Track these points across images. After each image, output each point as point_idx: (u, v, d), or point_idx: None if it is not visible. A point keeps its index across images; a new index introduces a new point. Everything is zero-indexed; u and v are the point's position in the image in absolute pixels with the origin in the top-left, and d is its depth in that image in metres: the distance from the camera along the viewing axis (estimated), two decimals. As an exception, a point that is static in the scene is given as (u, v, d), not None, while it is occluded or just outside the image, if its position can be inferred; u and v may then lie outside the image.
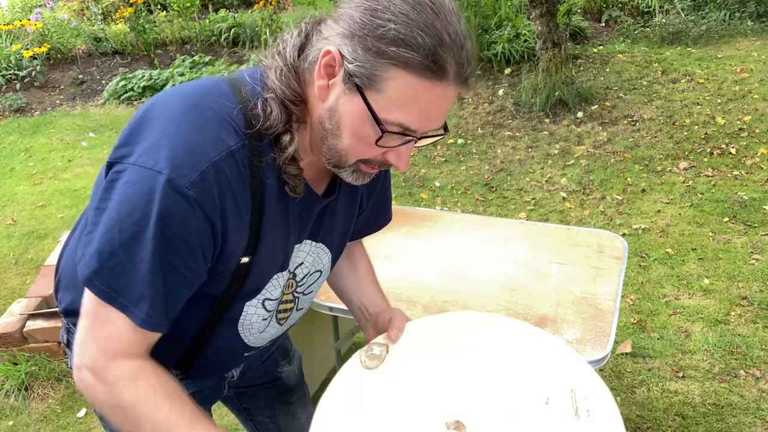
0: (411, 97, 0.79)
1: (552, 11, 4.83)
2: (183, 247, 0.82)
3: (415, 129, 0.83)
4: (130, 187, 0.79)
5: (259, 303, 1.01)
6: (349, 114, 0.83)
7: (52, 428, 2.40)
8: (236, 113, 0.84)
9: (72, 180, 4.61)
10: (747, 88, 4.76)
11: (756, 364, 2.36)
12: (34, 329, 2.59)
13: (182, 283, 0.86)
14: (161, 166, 0.78)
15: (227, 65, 6.47)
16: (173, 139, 0.80)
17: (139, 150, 0.81)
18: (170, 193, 0.78)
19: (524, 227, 2.11)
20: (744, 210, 3.33)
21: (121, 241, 0.80)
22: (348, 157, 0.87)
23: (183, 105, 0.84)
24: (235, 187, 0.83)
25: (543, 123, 4.70)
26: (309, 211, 0.99)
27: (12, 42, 7.09)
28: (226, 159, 0.81)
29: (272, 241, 0.94)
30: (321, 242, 1.06)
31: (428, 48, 0.76)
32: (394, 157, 0.87)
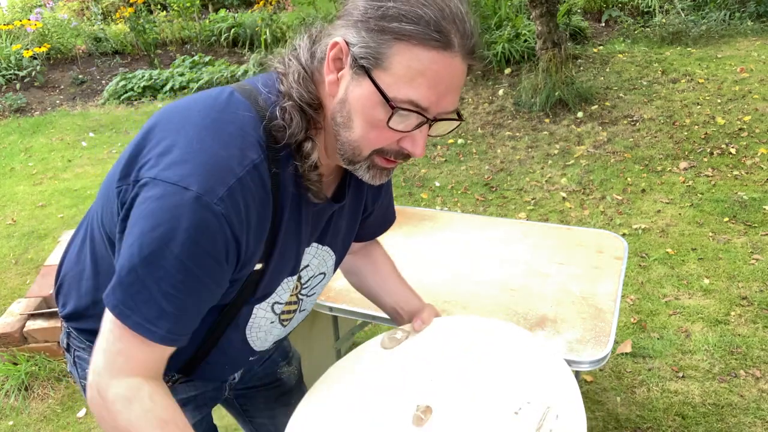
0: (418, 71, 0.78)
1: (552, 11, 4.83)
2: (210, 261, 0.81)
3: (426, 106, 0.81)
4: (155, 202, 0.78)
5: (268, 306, 1.02)
6: (359, 100, 0.82)
7: (52, 428, 2.40)
8: (256, 125, 0.84)
9: (72, 180, 4.61)
10: (747, 88, 4.76)
11: (756, 364, 2.36)
12: (34, 329, 2.59)
13: (208, 295, 0.86)
14: (188, 182, 0.77)
15: (227, 65, 6.47)
16: (198, 155, 0.79)
17: (162, 164, 0.79)
18: (199, 209, 0.77)
19: (524, 227, 2.11)
20: (744, 210, 3.33)
21: (141, 257, 0.79)
22: (362, 149, 0.85)
23: (205, 119, 0.83)
24: (259, 200, 0.83)
25: (543, 123, 4.70)
26: (321, 216, 0.99)
27: (12, 42, 7.09)
28: (250, 173, 0.81)
29: (285, 248, 0.94)
30: (327, 245, 1.07)
31: (430, 19, 0.77)
32: (409, 143, 0.84)
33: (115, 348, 0.83)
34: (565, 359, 1.48)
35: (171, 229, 0.77)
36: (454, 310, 1.65)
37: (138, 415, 0.82)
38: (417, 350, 1.14)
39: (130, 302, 0.80)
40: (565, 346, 1.51)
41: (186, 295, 0.82)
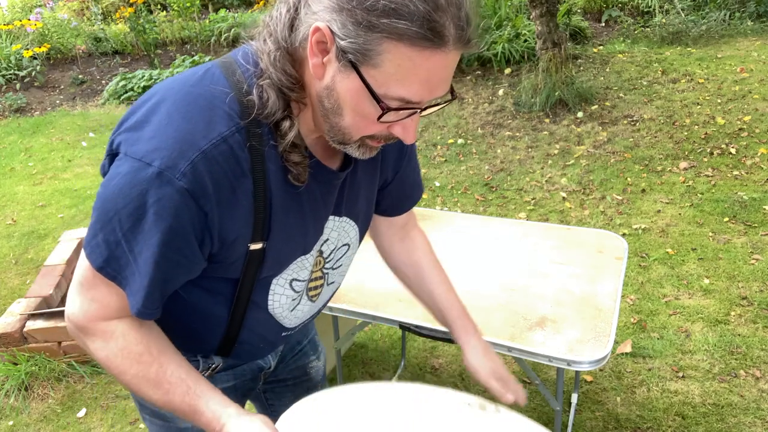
0: (409, 70, 0.74)
1: (552, 11, 4.83)
2: (178, 238, 0.82)
3: (418, 101, 0.78)
4: (123, 179, 0.79)
5: (286, 284, 1.01)
6: (347, 92, 0.78)
7: (52, 428, 2.40)
8: (230, 99, 0.82)
9: (72, 180, 4.61)
10: (747, 88, 4.76)
11: (756, 364, 2.36)
12: (34, 329, 2.59)
13: (180, 271, 0.87)
14: (151, 157, 0.78)
15: (227, 65, 6.48)
16: (164, 130, 0.79)
17: (133, 140, 0.81)
18: (161, 185, 0.78)
19: (524, 227, 2.11)
20: (744, 210, 3.33)
21: (122, 231, 0.82)
22: (352, 135, 0.83)
23: (177, 94, 0.82)
24: (231, 173, 0.82)
25: (543, 123, 4.70)
26: (328, 189, 0.97)
27: (12, 42, 7.09)
28: (217, 146, 0.80)
29: (285, 226, 0.92)
30: (345, 215, 1.04)
31: (422, 15, 0.71)
32: (399, 131, 0.82)
33: (90, 295, 0.88)
34: (565, 359, 1.48)
35: (140, 206, 0.79)
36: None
37: (114, 352, 0.89)
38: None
39: (124, 272, 0.85)
40: (565, 346, 1.51)
41: (158, 269, 0.83)
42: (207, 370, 1.10)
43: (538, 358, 1.50)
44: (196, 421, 0.91)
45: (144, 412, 1.16)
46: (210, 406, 0.91)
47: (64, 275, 2.96)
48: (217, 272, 0.93)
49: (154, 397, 0.91)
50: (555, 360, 1.49)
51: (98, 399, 2.51)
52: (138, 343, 0.90)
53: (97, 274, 0.86)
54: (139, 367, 0.90)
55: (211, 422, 0.90)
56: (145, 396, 0.92)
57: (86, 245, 0.86)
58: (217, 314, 1.00)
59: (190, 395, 0.91)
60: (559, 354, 1.48)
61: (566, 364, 1.48)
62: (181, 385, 0.91)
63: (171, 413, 1.04)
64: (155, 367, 0.90)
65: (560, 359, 1.48)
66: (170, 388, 0.90)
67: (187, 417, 0.92)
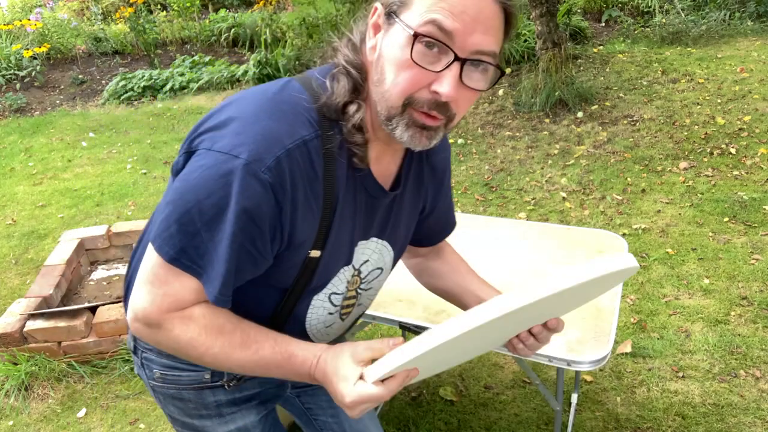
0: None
1: (552, 11, 4.83)
2: (256, 229, 0.85)
3: (450, 30, 0.79)
4: (208, 170, 0.83)
5: (326, 297, 1.03)
6: (389, 47, 0.84)
7: (52, 428, 2.40)
8: (309, 105, 0.88)
9: (72, 180, 4.61)
10: (747, 88, 4.76)
11: (756, 364, 2.36)
12: (34, 329, 2.59)
13: (251, 263, 0.89)
14: (239, 150, 0.82)
15: (227, 65, 6.47)
16: (251, 128, 0.83)
17: (216, 137, 0.85)
18: (247, 176, 0.81)
19: (524, 227, 2.11)
20: (744, 210, 3.33)
21: (202, 222, 0.84)
22: (393, 97, 0.84)
23: (260, 100, 0.88)
24: (306, 176, 0.86)
25: (543, 123, 4.70)
26: (376, 206, 1.01)
27: (12, 42, 7.09)
28: (299, 147, 0.85)
29: (339, 235, 0.96)
30: (386, 240, 1.08)
31: None
32: (437, 83, 0.82)
33: (161, 290, 0.89)
34: (565, 359, 1.48)
35: (225, 196, 0.82)
36: (453, 311, 1.65)
37: (198, 331, 0.91)
38: None
39: (200, 261, 0.86)
40: (565, 346, 1.51)
41: (234, 258, 0.86)
42: (234, 380, 1.11)
43: (538, 358, 1.50)
44: (291, 365, 0.94)
45: (176, 425, 1.20)
46: (300, 346, 0.94)
47: (64, 275, 2.96)
48: (271, 278, 0.95)
49: (244, 359, 0.93)
50: (555, 360, 1.49)
51: (98, 399, 2.51)
52: (217, 318, 0.92)
53: (169, 267, 0.87)
54: (225, 337, 0.92)
55: (306, 359, 0.93)
56: (234, 363, 0.94)
57: (156, 238, 0.87)
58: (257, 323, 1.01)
59: (278, 344, 0.93)
60: (559, 354, 1.48)
61: (566, 364, 1.49)
62: (267, 340, 0.94)
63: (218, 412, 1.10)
64: (238, 333, 0.93)
65: (560, 359, 1.48)
66: (258, 345, 0.93)
67: (281, 366, 0.94)
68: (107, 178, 4.57)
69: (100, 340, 2.64)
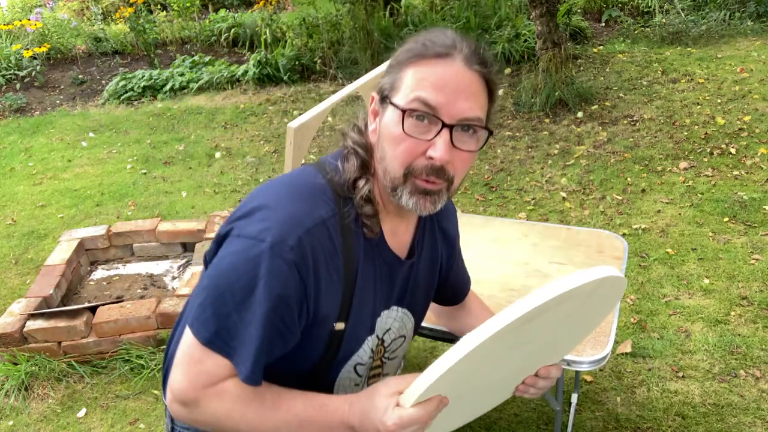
0: (423, 77, 0.89)
1: (552, 11, 4.83)
2: (284, 307, 0.90)
3: (434, 104, 0.88)
4: (236, 256, 0.91)
5: (351, 368, 1.07)
6: (386, 126, 0.93)
7: (52, 428, 2.40)
8: (325, 187, 0.96)
9: (72, 180, 4.61)
10: (747, 88, 4.76)
11: (756, 364, 2.36)
12: (34, 329, 2.59)
13: (281, 341, 0.94)
14: (264, 235, 0.89)
15: (227, 65, 6.47)
16: (274, 213, 0.92)
17: (244, 224, 0.93)
18: (273, 258, 0.88)
19: (524, 227, 2.11)
20: (744, 210, 3.33)
21: (234, 304, 0.90)
22: (395, 169, 0.93)
23: (281, 187, 0.98)
24: (327, 252, 0.93)
25: (543, 123, 4.70)
26: (395, 276, 1.07)
27: (12, 42, 7.09)
28: (319, 226, 0.92)
29: (361, 306, 1.01)
30: (406, 308, 1.13)
31: (433, 43, 0.91)
32: (432, 150, 0.90)
33: (196, 369, 0.94)
34: (565, 359, 1.48)
35: (253, 278, 0.89)
36: (454, 310, 1.65)
37: (232, 402, 0.95)
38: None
39: (232, 343, 0.91)
40: (565, 346, 1.51)
41: (265, 337, 0.90)
42: None
43: (538, 358, 1.50)
44: (324, 416, 0.96)
45: None
46: (331, 397, 0.98)
47: (64, 275, 2.96)
48: (298, 353, 0.98)
49: (278, 420, 0.95)
50: (555, 360, 1.48)
51: (98, 399, 2.51)
52: (247, 388, 0.96)
53: (204, 348, 0.92)
54: (256, 402, 0.95)
55: (339, 407, 0.95)
56: (270, 426, 0.96)
57: (194, 322, 0.94)
58: None
59: (309, 399, 0.97)
60: (559, 354, 1.48)
61: (566, 364, 1.49)
62: (297, 397, 0.97)
63: None
64: (269, 396, 0.96)
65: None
66: (289, 404, 0.96)
67: (315, 420, 0.96)
68: (107, 178, 4.57)
69: (100, 340, 2.64)
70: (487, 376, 0.98)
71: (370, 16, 5.89)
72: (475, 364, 0.89)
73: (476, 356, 0.85)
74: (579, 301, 0.90)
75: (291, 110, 5.52)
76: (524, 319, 0.83)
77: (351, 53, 6.02)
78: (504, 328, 0.82)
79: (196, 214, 3.93)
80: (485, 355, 0.87)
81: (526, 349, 0.97)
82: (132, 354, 2.62)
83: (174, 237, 3.30)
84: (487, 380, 1.00)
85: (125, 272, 3.22)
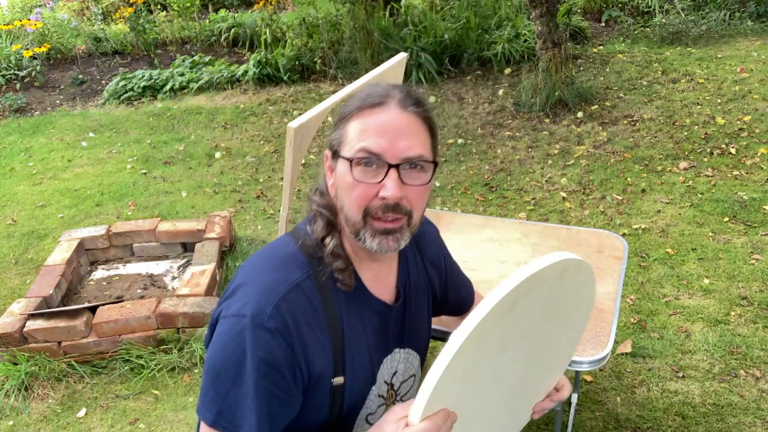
0: (364, 128, 0.96)
1: (552, 11, 4.83)
2: (275, 374, 0.94)
3: (379, 151, 0.94)
4: (224, 335, 0.96)
5: (363, 421, 1.08)
6: (339, 178, 0.99)
7: (52, 428, 2.40)
8: (298, 251, 1.02)
9: (72, 180, 4.61)
10: (747, 88, 4.76)
11: (756, 364, 2.36)
12: (34, 329, 2.59)
13: (282, 407, 0.97)
14: (244, 310, 0.95)
15: (227, 65, 6.47)
16: (251, 288, 0.98)
17: (228, 305, 0.99)
18: (255, 329, 0.93)
19: (524, 227, 2.11)
20: (744, 210, 3.33)
21: (229, 380, 0.95)
22: (354, 214, 0.98)
23: (257, 261, 1.04)
24: (307, 313, 0.97)
25: (543, 123, 4.70)
26: (387, 321, 1.10)
27: (12, 42, 7.09)
28: (294, 290, 0.97)
29: (356, 357, 1.04)
30: (408, 347, 1.15)
31: (369, 95, 0.98)
32: (383, 190, 0.96)
33: None
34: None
35: (241, 353, 0.93)
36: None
37: None
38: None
39: (234, 420, 0.95)
40: (565, 346, 1.51)
41: (263, 405, 0.94)
42: None
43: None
44: None
45: None
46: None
47: (64, 275, 2.96)
48: (305, 415, 1.00)
49: None
50: (555, 360, 1.48)
51: (98, 399, 2.51)
52: None
53: (212, 430, 0.96)
54: None
55: None
56: None
57: (200, 407, 0.98)
58: None
59: None
60: (559, 354, 1.48)
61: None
62: None
63: None
64: None
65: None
66: None
67: None
68: (107, 178, 4.57)
69: (100, 340, 2.64)
70: (492, 387, 0.98)
71: (370, 16, 5.89)
72: (472, 369, 0.89)
73: (467, 356, 0.85)
74: (549, 288, 0.93)
75: (291, 110, 5.52)
76: (500, 308, 0.84)
77: (351, 53, 6.02)
78: (483, 320, 0.83)
79: (196, 214, 3.93)
80: (478, 356, 0.88)
81: (519, 349, 0.97)
82: (132, 354, 2.62)
83: (174, 237, 3.31)
84: (494, 393, 1.00)
85: (125, 272, 3.22)
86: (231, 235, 3.40)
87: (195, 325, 2.64)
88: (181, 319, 2.63)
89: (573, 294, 1.01)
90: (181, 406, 2.43)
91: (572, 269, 0.94)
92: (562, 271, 0.92)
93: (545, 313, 0.97)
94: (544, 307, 0.95)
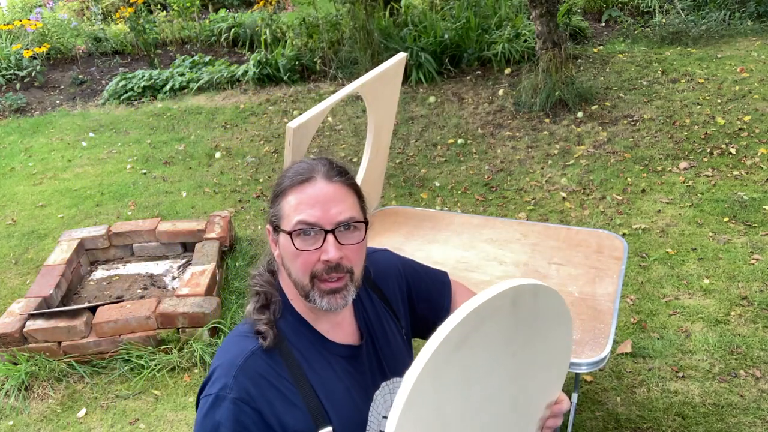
0: (297, 203, 1.06)
1: (552, 11, 4.83)
2: None
3: (314, 221, 1.04)
4: (200, 414, 1.05)
5: None
6: (284, 249, 1.08)
7: (52, 428, 2.40)
8: (250, 326, 1.10)
9: (72, 180, 4.61)
10: (747, 88, 4.76)
11: (756, 364, 2.36)
12: (34, 329, 2.60)
13: None
14: (212, 389, 1.04)
15: (227, 65, 6.47)
16: (218, 369, 1.07)
17: (203, 388, 1.08)
18: (220, 404, 1.02)
19: (524, 227, 2.11)
20: (744, 210, 3.33)
21: None
22: (301, 279, 1.07)
23: (223, 344, 1.13)
24: (268, 374, 1.05)
25: (543, 123, 4.70)
26: (360, 363, 1.15)
27: (12, 42, 7.09)
28: (250, 358, 1.05)
29: (338, 405, 1.09)
30: (393, 376, 1.19)
31: (296, 172, 1.09)
32: (324, 254, 1.04)
33: None
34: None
35: (215, 427, 1.02)
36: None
37: None
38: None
39: None
40: (564, 346, 1.51)
41: None
42: None
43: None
44: None
45: None
46: None
47: (64, 275, 2.96)
48: None
49: None
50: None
51: (98, 399, 2.51)
52: None
53: None
54: None
55: None
56: None
57: None
58: None
59: None
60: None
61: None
62: None
63: None
64: None
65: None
66: None
67: None
68: (107, 178, 4.58)
69: (100, 340, 2.64)
70: (474, 420, 0.95)
71: (370, 16, 5.89)
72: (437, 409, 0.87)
73: (429, 397, 0.85)
74: (505, 318, 0.91)
75: (291, 110, 5.52)
76: (446, 346, 0.84)
77: (351, 53, 6.02)
78: (431, 358, 0.83)
79: (196, 214, 3.93)
80: (441, 396, 0.86)
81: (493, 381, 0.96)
82: (132, 354, 2.62)
83: (174, 237, 3.31)
84: (480, 424, 0.98)
85: (125, 272, 3.22)
86: (231, 235, 3.40)
87: (195, 325, 2.64)
88: (181, 319, 2.63)
89: (540, 317, 1.00)
90: (181, 406, 2.43)
91: (527, 295, 0.94)
92: (514, 300, 0.92)
93: (512, 342, 0.96)
94: (507, 336, 0.94)
